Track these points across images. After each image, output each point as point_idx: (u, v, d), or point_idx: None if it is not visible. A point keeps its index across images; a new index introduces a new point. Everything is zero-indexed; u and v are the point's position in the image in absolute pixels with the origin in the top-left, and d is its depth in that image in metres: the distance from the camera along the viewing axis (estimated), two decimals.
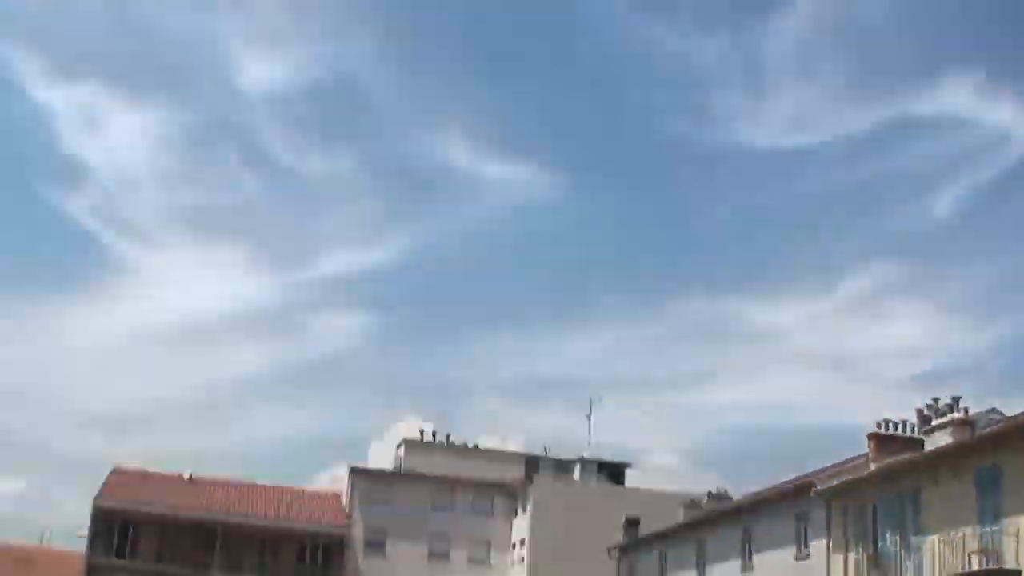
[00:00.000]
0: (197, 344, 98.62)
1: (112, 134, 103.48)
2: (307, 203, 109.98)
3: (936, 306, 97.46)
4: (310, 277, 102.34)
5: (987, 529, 25.70)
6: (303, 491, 62.84)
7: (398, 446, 64.79)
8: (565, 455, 63.61)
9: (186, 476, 59.59)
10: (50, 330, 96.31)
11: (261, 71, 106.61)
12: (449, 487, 60.44)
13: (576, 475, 62.29)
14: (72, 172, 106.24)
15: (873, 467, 31.97)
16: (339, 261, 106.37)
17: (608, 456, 63.55)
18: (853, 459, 34.45)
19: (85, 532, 54.59)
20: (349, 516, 58.88)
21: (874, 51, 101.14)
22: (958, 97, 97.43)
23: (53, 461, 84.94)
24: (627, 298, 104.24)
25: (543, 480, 60.14)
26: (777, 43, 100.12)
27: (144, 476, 58.74)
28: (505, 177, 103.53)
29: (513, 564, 59.16)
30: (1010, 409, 31.16)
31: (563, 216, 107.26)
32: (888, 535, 30.07)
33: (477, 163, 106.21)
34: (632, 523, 49.47)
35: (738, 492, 45.93)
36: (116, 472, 57.91)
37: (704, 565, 41.01)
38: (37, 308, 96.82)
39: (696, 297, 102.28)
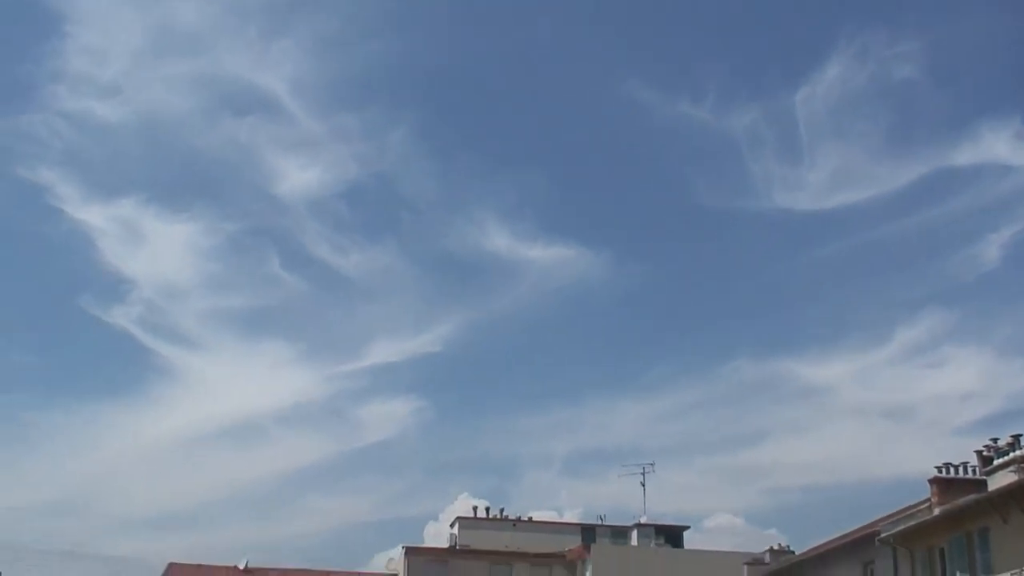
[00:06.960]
0: (247, 440, 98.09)
1: (154, 247, 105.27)
2: (350, 299, 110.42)
3: (993, 349, 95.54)
4: (357, 368, 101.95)
5: None
6: (359, 575, 62.30)
7: (452, 524, 64.16)
8: (621, 523, 62.70)
9: (241, 566, 59.11)
10: (100, 436, 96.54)
11: (298, 177, 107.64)
12: (506, 561, 59.60)
13: (634, 541, 61.25)
14: (116, 285, 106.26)
15: (937, 511, 31.25)
16: (386, 350, 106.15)
17: (666, 521, 62.58)
18: (915, 506, 33.69)
19: None
20: None
21: (909, 107, 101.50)
22: (997, 146, 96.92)
23: (109, 565, 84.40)
24: (675, 366, 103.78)
25: (601, 548, 59.11)
26: (808, 109, 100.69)
27: (199, 569, 58.44)
28: (549, 258, 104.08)
29: None
30: None
31: (609, 292, 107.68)
32: None
33: (519, 247, 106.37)
34: None
35: (800, 548, 45.05)
36: (172, 567, 57.78)
37: None
38: (86, 416, 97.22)
39: (743, 359, 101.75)
